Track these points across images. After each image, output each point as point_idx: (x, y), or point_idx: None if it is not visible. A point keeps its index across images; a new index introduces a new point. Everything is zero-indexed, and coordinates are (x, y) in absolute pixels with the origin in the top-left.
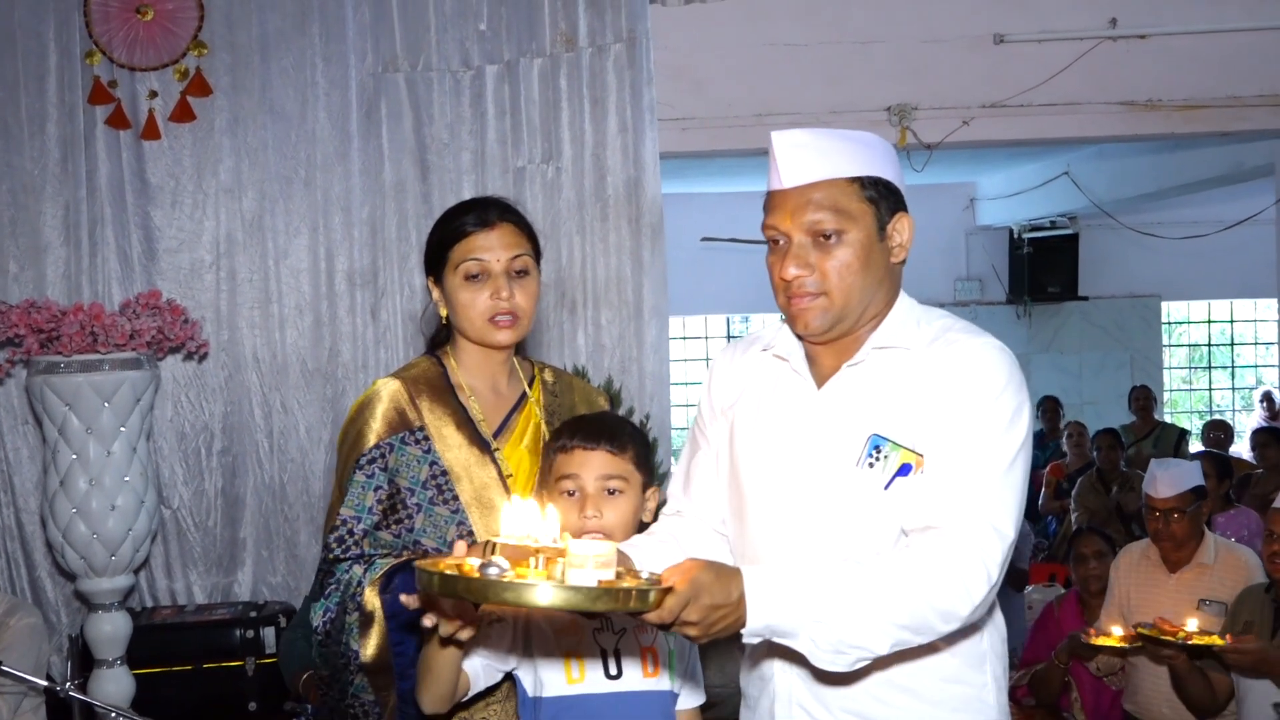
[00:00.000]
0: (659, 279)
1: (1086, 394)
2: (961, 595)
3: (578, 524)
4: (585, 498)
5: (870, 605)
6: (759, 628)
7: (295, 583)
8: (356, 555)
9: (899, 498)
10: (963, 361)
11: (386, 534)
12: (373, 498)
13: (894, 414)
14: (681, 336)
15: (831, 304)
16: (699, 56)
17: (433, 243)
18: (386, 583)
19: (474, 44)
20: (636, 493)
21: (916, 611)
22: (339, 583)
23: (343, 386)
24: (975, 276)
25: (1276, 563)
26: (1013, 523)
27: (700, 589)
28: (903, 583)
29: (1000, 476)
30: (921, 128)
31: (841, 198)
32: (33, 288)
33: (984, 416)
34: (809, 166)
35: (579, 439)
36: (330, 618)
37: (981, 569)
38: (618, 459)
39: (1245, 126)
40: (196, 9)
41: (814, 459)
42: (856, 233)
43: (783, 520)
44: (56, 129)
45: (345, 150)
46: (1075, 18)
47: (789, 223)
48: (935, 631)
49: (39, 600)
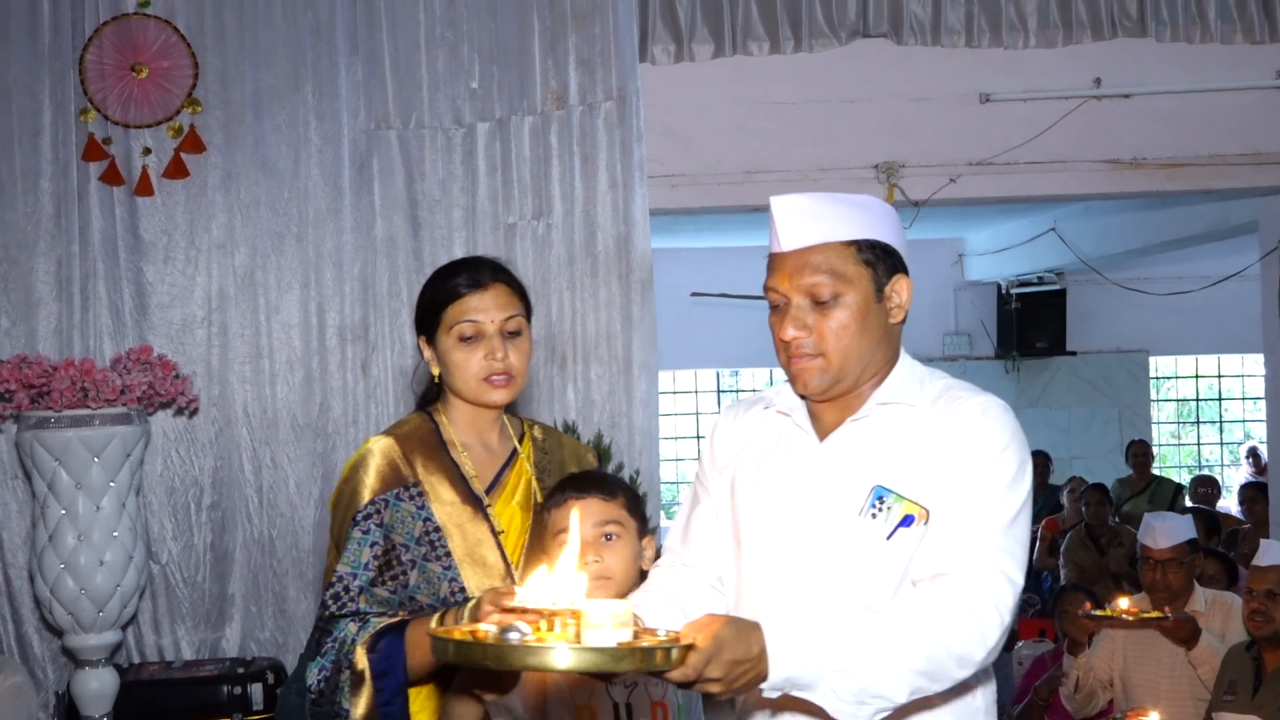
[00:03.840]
0: (649, 334)
1: (1075, 449)
2: (977, 639)
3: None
4: (584, 545)
5: (889, 653)
6: (779, 680)
7: (284, 638)
8: (352, 612)
9: (901, 549)
10: (967, 418)
11: (383, 590)
12: (368, 554)
13: (897, 467)
14: (671, 391)
15: (829, 364)
16: (689, 114)
17: (425, 302)
18: (375, 642)
19: (465, 102)
20: (633, 538)
21: (934, 657)
22: (335, 640)
23: (333, 441)
24: (964, 331)
25: (1257, 620)
26: (1020, 570)
27: (722, 645)
28: (920, 629)
29: (1005, 529)
30: (909, 185)
31: (838, 261)
32: (24, 343)
33: (989, 473)
34: (806, 230)
35: (570, 491)
36: (325, 676)
37: (995, 613)
38: (609, 504)
39: (1229, 184)
40: (191, 67)
41: (816, 509)
42: (853, 295)
43: (783, 570)
44: (50, 185)
45: (337, 206)
46: (1060, 77)
47: (787, 284)
48: (951, 678)
49: (26, 656)
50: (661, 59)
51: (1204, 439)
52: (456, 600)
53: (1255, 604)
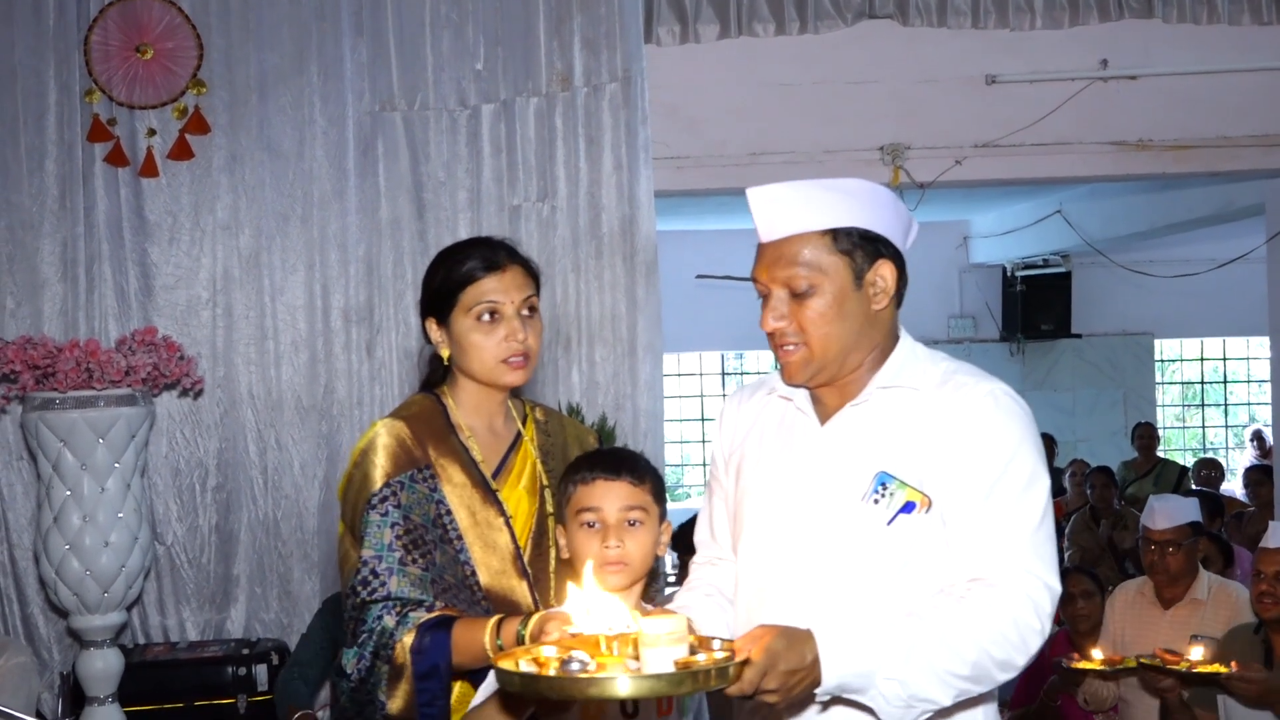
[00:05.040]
0: (653, 316)
1: (1080, 431)
2: (1019, 645)
3: (599, 554)
4: (606, 529)
5: (936, 659)
6: (832, 686)
7: (288, 619)
8: (383, 597)
9: (901, 535)
10: (976, 408)
11: (414, 568)
12: (390, 534)
13: (901, 452)
14: (677, 373)
15: (812, 354)
16: (693, 96)
17: (437, 285)
18: (420, 640)
19: (470, 83)
20: (655, 524)
21: (979, 663)
22: (370, 631)
23: (338, 423)
24: (969, 314)
25: (1265, 602)
26: (1055, 573)
27: (776, 657)
28: (965, 635)
29: (1034, 529)
30: (914, 167)
31: (812, 252)
32: (29, 324)
33: (1007, 471)
34: (781, 221)
35: (600, 470)
36: (365, 665)
37: (1035, 619)
38: (638, 490)
39: (1235, 166)
40: (196, 48)
41: (817, 493)
42: (829, 285)
43: (783, 554)
44: (55, 166)
45: (342, 188)
46: (1067, 59)
47: (766, 276)
48: (993, 680)
49: (31, 637)
50: (666, 40)
51: (1209, 422)
52: (469, 583)
53: (1265, 586)
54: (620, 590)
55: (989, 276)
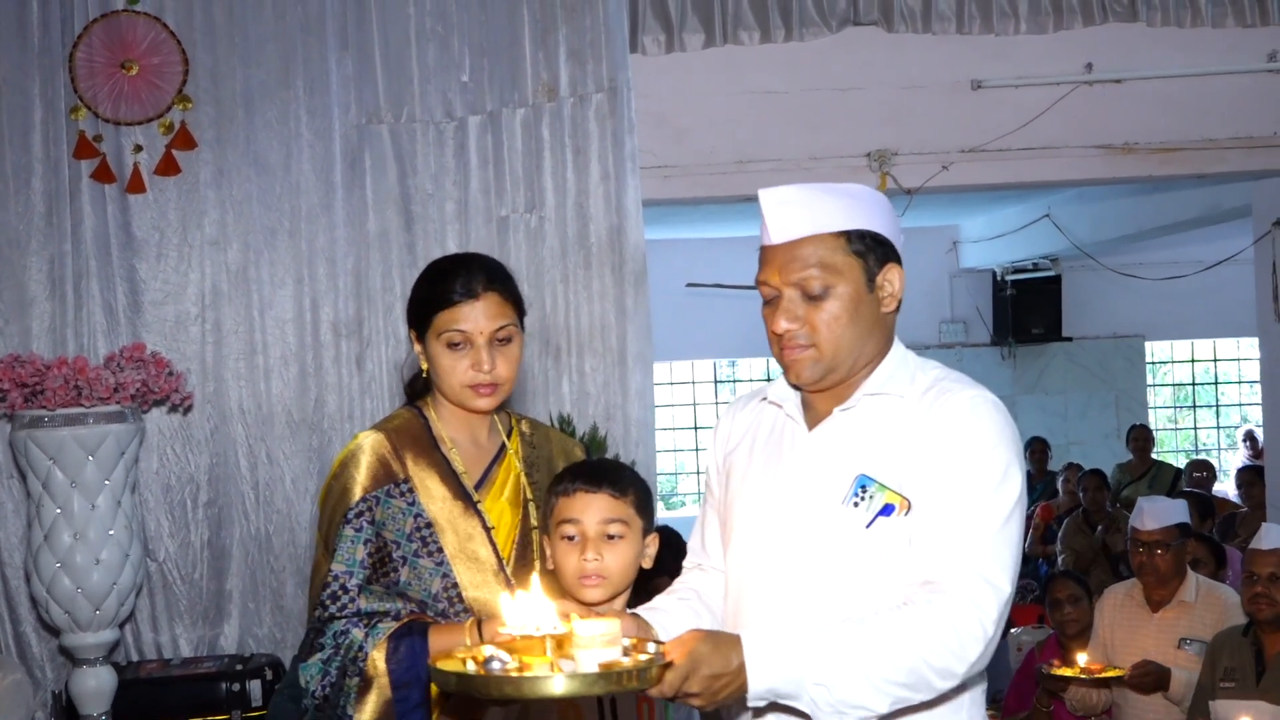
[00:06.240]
0: (643, 325)
1: (1072, 434)
2: (957, 653)
3: (577, 567)
4: (585, 541)
5: (868, 665)
6: (762, 691)
7: (281, 634)
8: (352, 614)
9: (879, 538)
10: (955, 412)
11: (378, 587)
12: (362, 551)
13: (882, 456)
14: (668, 382)
15: (821, 355)
16: (680, 105)
17: (416, 301)
18: (394, 649)
19: (457, 95)
20: (637, 538)
21: (914, 670)
22: (336, 645)
23: (328, 437)
24: (959, 319)
25: (1259, 604)
26: (1009, 578)
27: (699, 661)
28: (900, 642)
29: (995, 532)
30: (901, 173)
31: (827, 253)
32: (18, 341)
33: (977, 471)
34: (795, 223)
35: (581, 482)
36: (330, 681)
37: (978, 627)
38: (619, 502)
39: (1221, 169)
40: (181, 63)
41: (801, 498)
42: (844, 286)
43: (766, 559)
44: (41, 183)
45: (330, 201)
46: (1052, 63)
47: (778, 278)
48: (934, 689)
49: (24, 655)
50: (652, 49)
51: (1200, 423)
52: (449, 595)
53: (1258, 588)
54: (599, 603)
55: (979, 281)
